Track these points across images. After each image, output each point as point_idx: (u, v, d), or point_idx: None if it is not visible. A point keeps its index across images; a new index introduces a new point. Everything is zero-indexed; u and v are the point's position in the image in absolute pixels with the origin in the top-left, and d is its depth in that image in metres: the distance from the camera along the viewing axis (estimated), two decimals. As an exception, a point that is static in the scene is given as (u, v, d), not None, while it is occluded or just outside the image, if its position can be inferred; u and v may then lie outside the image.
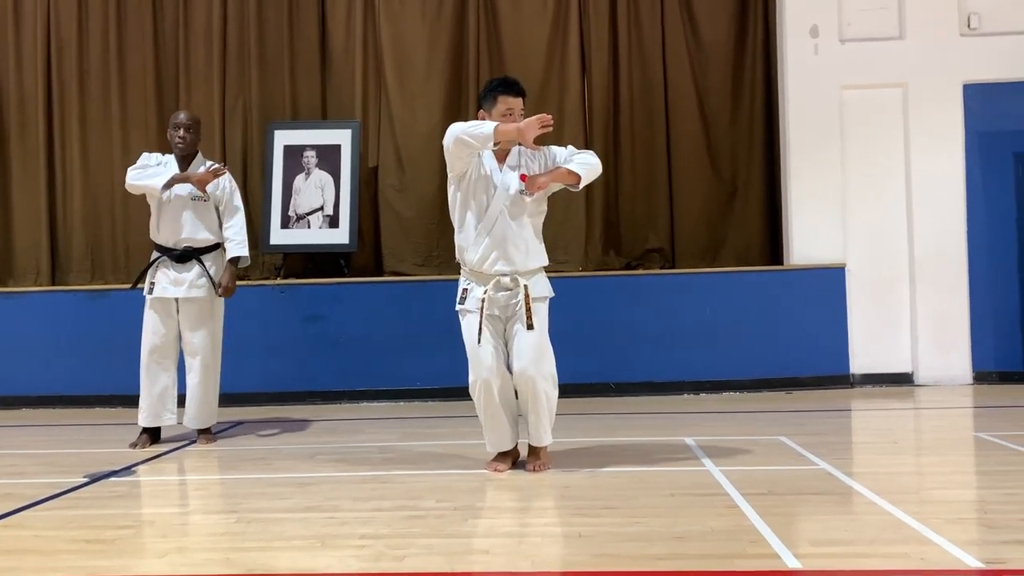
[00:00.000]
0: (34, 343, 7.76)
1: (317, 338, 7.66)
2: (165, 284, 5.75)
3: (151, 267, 5.79)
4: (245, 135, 8.52)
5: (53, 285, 8.45)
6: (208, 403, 5.87)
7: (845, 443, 5.62)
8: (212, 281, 5.78)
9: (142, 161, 5.82)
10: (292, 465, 5.13)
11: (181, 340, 5.83)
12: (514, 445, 4.80)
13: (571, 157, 4.70)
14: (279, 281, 7.99)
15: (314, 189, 8.13)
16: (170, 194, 5.72)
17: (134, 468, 5.16)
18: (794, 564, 3.12)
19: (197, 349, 5.78)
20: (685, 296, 7.66)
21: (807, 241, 7.76)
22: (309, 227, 8.09)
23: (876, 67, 7.77)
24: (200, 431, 5.91)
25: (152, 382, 5.74)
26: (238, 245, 5.81)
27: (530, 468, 4.71)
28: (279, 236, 8.09)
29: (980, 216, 7.70)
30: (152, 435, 5.81)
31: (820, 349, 7.58)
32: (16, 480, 4.92)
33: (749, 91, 8.33)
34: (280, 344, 7.66)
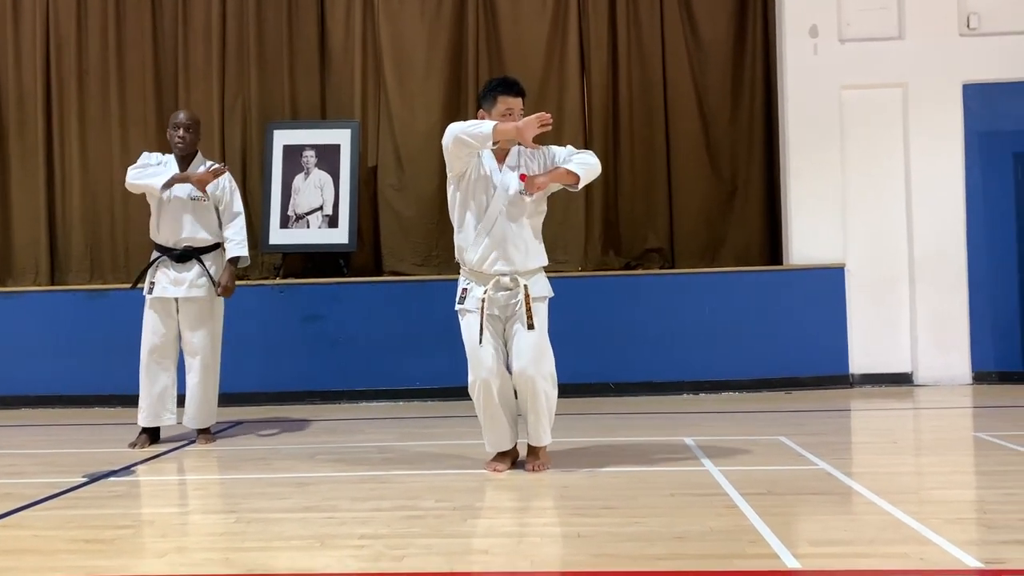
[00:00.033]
0: (33, 343, 7.76)
1: (316, 338, 7.66)
2: (165, 284, 5.74)
3: (151, 267, 5.79)
4: (244, 134, 8.51)
5: (52, 284, 8.45)
6: (208, 403, 5.87)
7: (844, 443, 5.62)
8: (212, 281, 5.78)
9: (142, 160, 5.82)
10: (291, 465, 5.13)
11: (181, 340, 5.83)
12: (513, 445, 4.80)
13: (570, 157, 4.69)
14: (278, 281, 7.98)
15: (313, 189, 8.12)
16: (170, 194, 5.72)
17: (133, 468, 5.16)
18: (793, 564, 3.12)
19: (197, 349, 5.78)
20: (684, 296, 7.66)
21: (807, 241, 7.76)
22: (308, 227, 8.08)
23: (875, 67, 7.77)
24: (199, 431, 5.91)
25: (152, 382, 5.74)
26: (238, 245, 5.81)
27: (529, 468, 4.71)
28: (278, 236, 8.09)
29: (979, 216, 7.70)
30: (151, 435, 5.81)
31: (820, 349, 7.58)
32: (15, 480, 4.92)
33: (748, 90, 8.32)
34: (279, 344, 7.65)
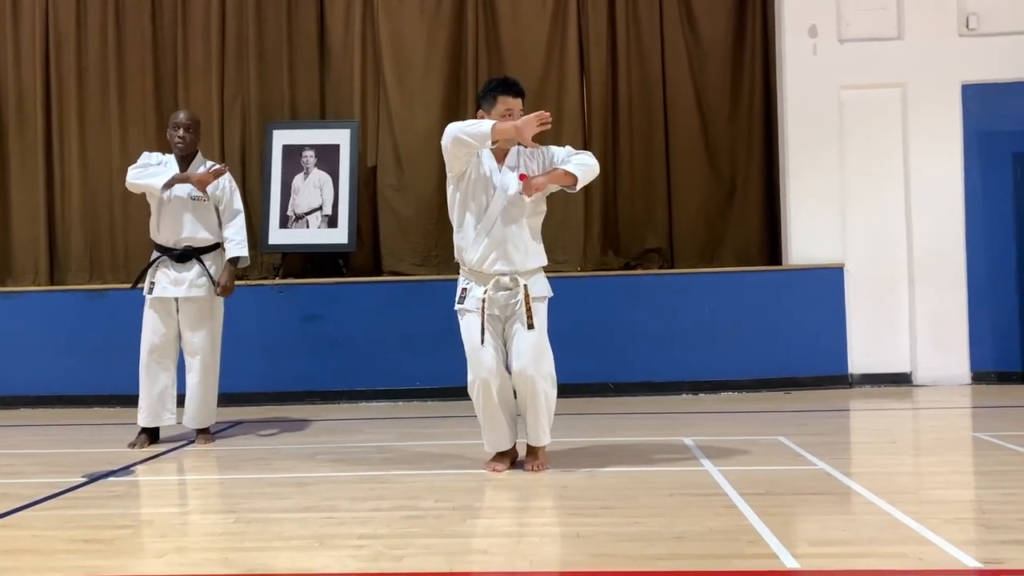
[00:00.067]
0: (33, 343, 7.76)
1: (316, 338, 7.66)
2: (165, 284, 5.75)
3: (151, 267, 5.79)
4: (244, 134, 8.51)
5: (52, 284, 8.44)
6: (207, 403, 5.87)
7: (843, 443, 5.62)
8: (212, 281, 5.78)
9: (143, 160, 5.82)
10: (291, 465, 5.13)
11: (181, 340, 5.83)
12: (513, 445, 4.80)
13: (569, 158, 4.68)
14: (278, 281, 7.98)
15: (313, 189, 8.12)
16: (170, 194, 5.72)
17: (132, 468, 5.16)
18: (792, 564, 3.13)
19: (197, 349, 5.78)
20: (684, 296, 7.66)
21: (806, 241, 7.76)
22: (308, 227, 8.08)
23: (875, 67, 7.77)
24: (199, 431, 5.91)
25: (152, 382, 5.74)
26: (237, 245, 5.81)
27: (528, 468, 4.71)
28: (278, 236, 8.09)
29: (978, 216, 7.70)
30: (151, 435, 5.81)
31: (819, 349, 7.58)
32: (14, 480, 4.92)
33: (748, 89, 8.32)
34: (279, 344, 7.65)
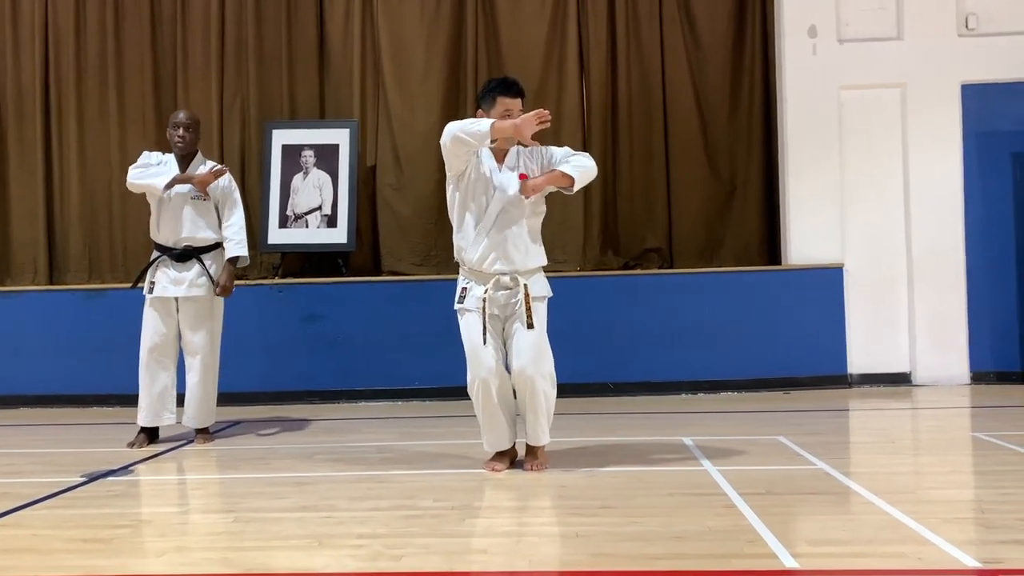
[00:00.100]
0: (32, 342, 7.75)
1: (315, 338, 7.65)
2: (165, 283, 5.74)
3: (151, 266, 5.79)
4: (243, 134, 8.50)
5: (50, 283, 8.44)
6: (207, 403, 5.87)
7: (843, 443, 5.62)
8: (212, 280, 5.78)
9: (143, 160, 5.82)
10: (290, 465, 5.13)
11: (180, 339, 5.83)
12: (512, 445, 4.80)
13: (566, 159, 4.68)
14: (277, 281, 7.98)
15: (312, 188, 8.12)
16: (170, 193, 5.72)
17: (132, 467, 5.16)
18: (791, 564, 3.13)
19: (197, 348, 5.78)
20: (683, 296, 7.66)
21: (805, 241, 7.76)
22: (307, 227, 8.08)
23: (874, 67, 7.77)
24: (198, 430, 5.91)
25: (152, 382, 5.74)
26: (237, 245, 5.81)
27: (528, 468, 4.71)
28: (277, 236, 8.09)
29: (978, 216, 7.70)
30: (150, 434, 5.81)
31: (818, 349, 7.57)
32: (13, 479, 4.92)
33: (747, 90, 8.32)
34: (278, 344, 7.65)
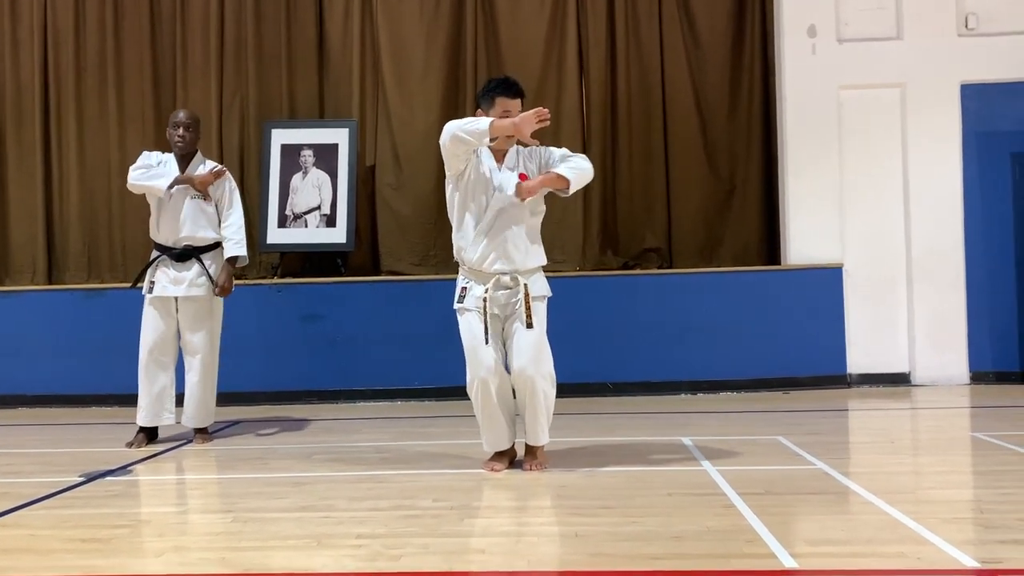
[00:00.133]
0: (31, 342, 7.75)
1: (314, 337, 7.65)
2: (165, 283, 5.74)
3: (151, 266, 5.79)
4: (242, 133, 8.50)
5: (49, 283, 8.43)
6: (206, 402, 5.87)
7: (842, 443, 5.62)
8: (212, 280, 5.78)
9: (142, 161, 5.80)
10: (289, 465, 5.12)
11: (180, 339, 5.83)
12: (511, 444, 4.79)
13: (563, 160, 4.66)
14: (276, 280, 7.98)
15: (311, 188, 8.12)
16: (170, 192, 5.71)
17: (130, 467, 5.15)
18: (791, 564, 3.12)
19: (197, 348, 5.78)
20: (682, 296, 7.65)
21: (805, 241, 7.76)
22: (306, 226, 8.08)
23: (874, 67, 7.77)
24: (197, 430, 5.90)
25: (151, 381, 5.73)
26: (236, 244, 5.81)
27: (527, 467, 4.71)
28: (276, 235, 8.08)
29: (977, 216, 7.70)
30: (149, 434, 5.81)
31: (817, 349, 7.57)
32: (12, 479, 4.91)
33: (747, 90, 8.31)
34: (277, 343, 7.64)
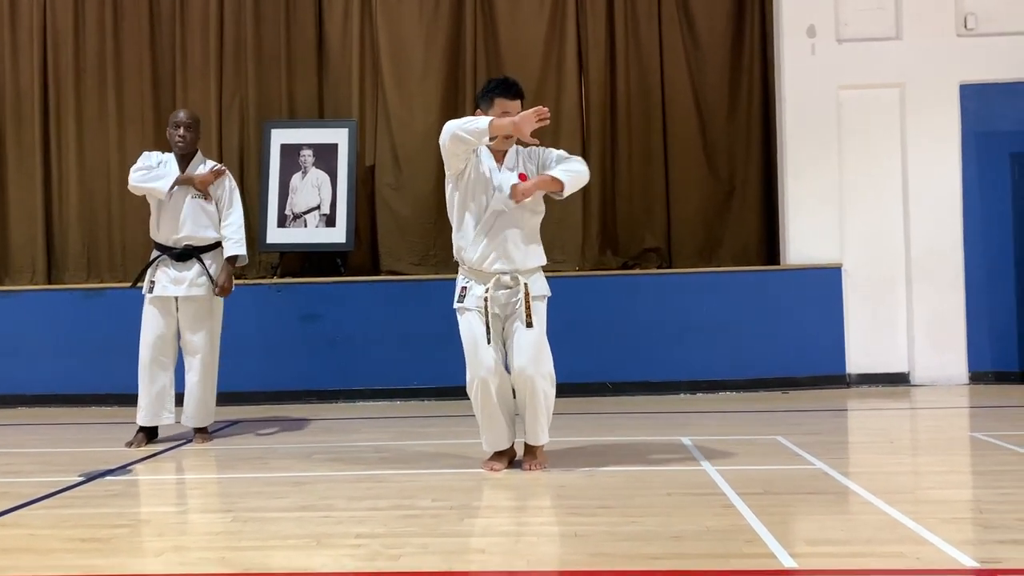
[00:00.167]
0: (30, 342, 7.75)
1: (314, 337, 7.65)
2: (165, 283, 5.74)
3: (151, 266, 5.79)
4: (242, 133, 8.50)
5: (49, 283, 8.43)
6: (206, 402, 5.87)
7: (841, 443, 5.62)
8: (212, 280, 5.78)
9: (142, 162, 5.79)
10: (288, 464, 5.12)
11: (180, 339, 5.83)
12: (511, 444, 4.79)
13: (559, 163, 4.65)
14: (276, 280, 7.97)
15: (311, 188, 8.12)
16: (171, 193, 5.71)
17: (130, 467, 5.16)
18: (790, 564, 3.12)
19: (197, 348, 5.78)
20: (682, 296, 7.66)
21: (804, 241, 7.76)
22: (306, 226, 8.08)
23: (873, 67, 7.77)
24: (196, 430, 5.90)
25: (151, 381, 5.73)
26: (236, 244, 5.81)
27: (526, 467, 4.71)
28: (276, 235, 8.08)
29: (976, 216, 7.71)
30: (148, 434, 5.81)
31: (816, 349, 7.58)
32: (11, 479, 4.91)
33: (746, 90, 8.32)
34: (277, 343, 7.65)
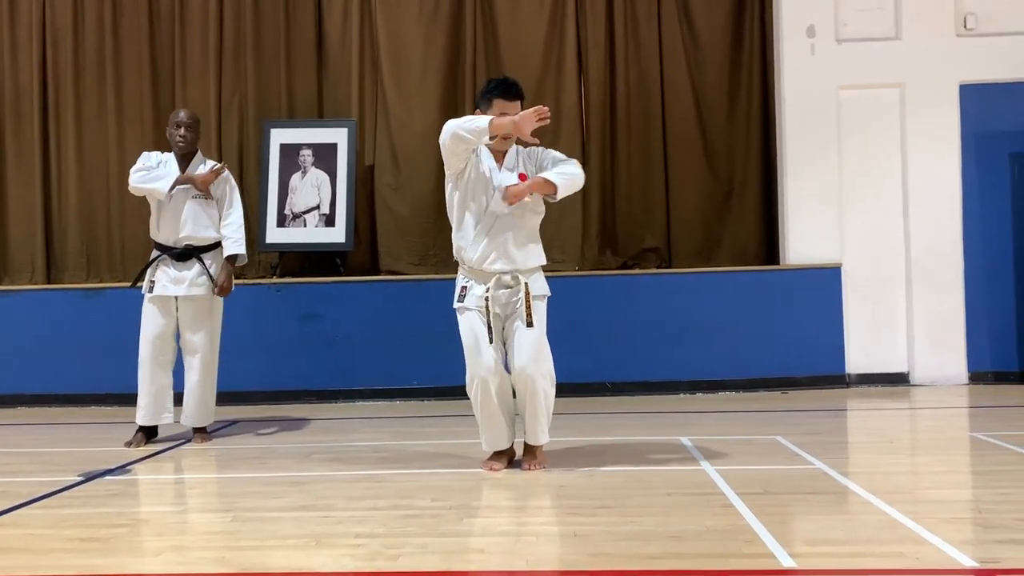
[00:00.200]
0: (29, 341, 7.75)
1: (313, 337, 7.65)
2: (165, 282, 5.74)
3: (151, 265, 5.79)
4: (241, 133, 8.50)
5: (48, 282, 8.43)
6: (206, 402, 5.87)
7: (841, 443, 5.62)
8: (212, 280, 5.78)
9: (142, 162, 5.78)
10: (287, 464, 5.12)
11: (180, 339, 5.83)
12: (510, 444, 4.79)
13: (553, 165, 4.64)
14: (275, 280, 7.97)
15: (310, 188, 8.12)
16: (172, 193, 5.71)
17: (129, 467, 5.15)
18: (789, 564, 3.12)
19: (197, 348, 5.78)
20: (681, 296, 7.66)
21: (803, 241, 7.76)
22: (305, 226, 8.08)
23: (872, 67, 7.77)
24: (196, 430, 5.90)
25: (151, 381, 5.73)
26: (235, 243, 5.81)
27: (526, 467, 4.71)
28: (275, 235, 8.08)
29: (976, 216, 7.71)
30: (148, 434, 5.81)
31: (816, 349, 7.58)
32: (11, 479, 4.91)
33: (746, 90, 8.32)
34: (276, 343, 7.65)
